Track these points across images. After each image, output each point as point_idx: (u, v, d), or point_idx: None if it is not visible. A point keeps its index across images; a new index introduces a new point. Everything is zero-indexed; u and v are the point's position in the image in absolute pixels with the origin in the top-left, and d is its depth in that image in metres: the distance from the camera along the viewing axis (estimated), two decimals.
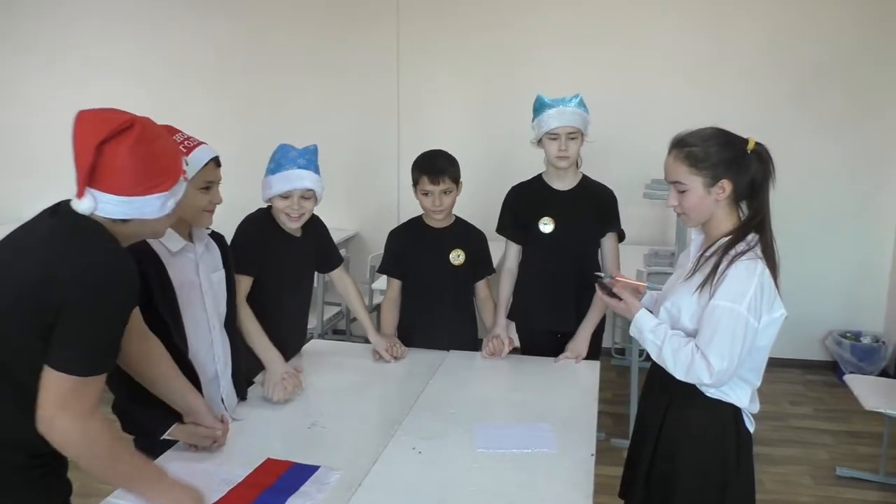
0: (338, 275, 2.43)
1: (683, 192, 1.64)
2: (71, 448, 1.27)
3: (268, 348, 2.03)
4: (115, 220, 1.31)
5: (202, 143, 1.75)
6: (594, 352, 2.43)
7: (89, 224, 1.30)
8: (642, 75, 4.21)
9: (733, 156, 1.60)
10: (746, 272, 1.54)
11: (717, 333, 1.54)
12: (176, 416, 1.63)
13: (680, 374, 1.59)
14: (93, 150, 1.26)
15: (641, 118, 4.15)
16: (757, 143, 1.62)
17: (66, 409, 1.23)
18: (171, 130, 1.66)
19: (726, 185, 1.61)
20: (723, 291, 1.55)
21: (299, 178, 2.09)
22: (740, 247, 1.59)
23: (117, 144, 1.28)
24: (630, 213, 2.53)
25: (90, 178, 1.28)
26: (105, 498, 1.43)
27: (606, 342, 4.01)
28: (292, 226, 2.16)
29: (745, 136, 1.63)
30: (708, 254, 1.63)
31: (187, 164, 1.47)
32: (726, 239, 1.62)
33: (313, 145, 2.20)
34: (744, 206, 1.66)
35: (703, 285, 1.59)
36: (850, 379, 3.14)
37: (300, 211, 2.13)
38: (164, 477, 1.38)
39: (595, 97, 2.45)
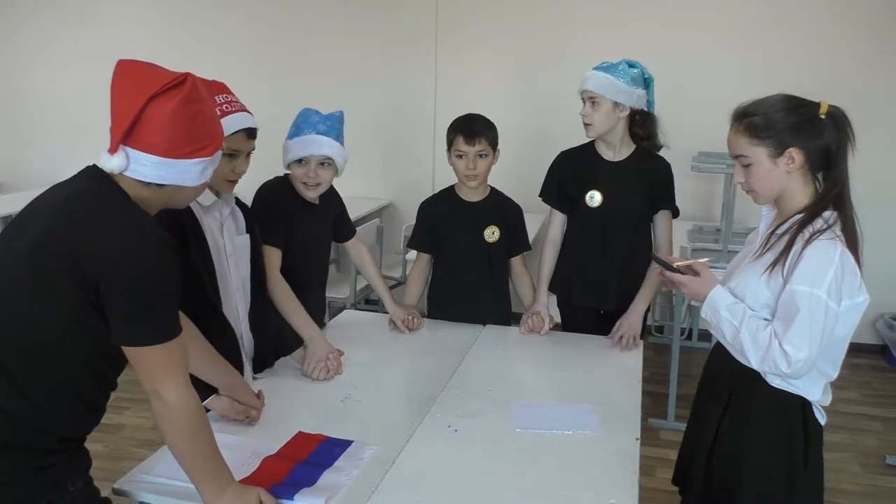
0: (353, 244, 2.35)
1: (748, 165, 1.51)
2: (183, 413, 1.22)
3: (308, 324, 1.97)
4: (147, 185, 1.23)
5: (243, 109, 1.68)
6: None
7: (111, 194, 1.21)
8: (689, 42, 4.00)
9: (801, 121, 1.46)
10: (825, 253, 1.41)
11: (794, 320, 1.40)
12: (211, 388, 1.61)
13: (755, 361, 1.46)
14: (140, 105, 1.17)
15: (688, 87, 3.96)
16: (831, 107, 1.47)
17: (165, 380, 1.20)
18: (221, 88, 1.60)
19: (796, 154, 1.47)
20: (799, 275, 1.41)
21: (317, 145, 1.98)
22: (817, 224, 1.45)
23: (166, 100, 1.18)
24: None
25: (128, 133, 1.19)
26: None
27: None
28: (309, 195, 2.06)
29: (816, 101, 1.49)
30: (780, 231, 1.50)
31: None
32: (800, 216, 1.48)
33: (338, 112, 2.08)
34: (821, 177, 1.51)
35: (773, 265, 1.46)
36: None
37: (317, 179, 2.02)
38: (232, 482, 1.30)
39: None
